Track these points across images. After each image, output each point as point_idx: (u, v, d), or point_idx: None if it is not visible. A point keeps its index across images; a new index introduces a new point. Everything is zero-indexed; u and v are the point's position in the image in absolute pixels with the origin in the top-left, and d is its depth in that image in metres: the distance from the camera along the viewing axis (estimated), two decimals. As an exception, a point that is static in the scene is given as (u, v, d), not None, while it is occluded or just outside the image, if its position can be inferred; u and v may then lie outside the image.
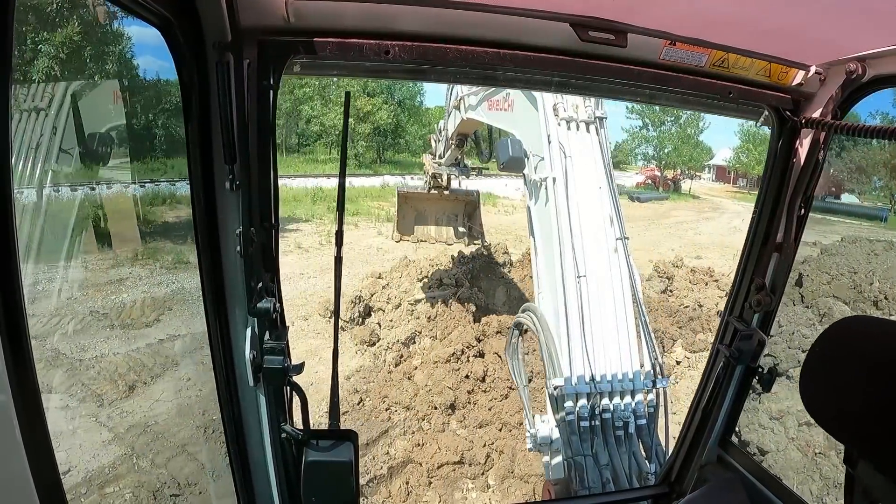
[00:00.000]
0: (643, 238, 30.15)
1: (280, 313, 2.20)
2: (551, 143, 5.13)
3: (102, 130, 4.80)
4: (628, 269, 4.81)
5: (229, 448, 2.32)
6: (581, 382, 4.31)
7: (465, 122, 9.10)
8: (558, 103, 5.37)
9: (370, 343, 12.68)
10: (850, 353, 1.02)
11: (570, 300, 4.53)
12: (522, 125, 5.94)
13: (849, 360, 1.02)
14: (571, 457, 4.12)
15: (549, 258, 4.86)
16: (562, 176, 4.95)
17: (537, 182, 5.15)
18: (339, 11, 1.88)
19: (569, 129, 5.29)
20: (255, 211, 1.99)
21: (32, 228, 4.80)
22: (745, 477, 2.76)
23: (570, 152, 5.11)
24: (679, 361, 12.79)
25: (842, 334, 1.07)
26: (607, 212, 4.96)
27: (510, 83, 2.23)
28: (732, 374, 2.85)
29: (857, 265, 14.10)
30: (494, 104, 7.15)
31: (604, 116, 5.43)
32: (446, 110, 10.26)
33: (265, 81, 1.90)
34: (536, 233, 5.25)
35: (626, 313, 4.69)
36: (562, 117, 5.32)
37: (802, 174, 2.45)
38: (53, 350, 8.84)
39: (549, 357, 4.51)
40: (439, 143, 11.94)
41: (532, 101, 5.69)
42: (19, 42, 9.82)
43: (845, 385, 0.99)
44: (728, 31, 2.10)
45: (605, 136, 5.42)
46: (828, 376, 1.03)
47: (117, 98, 8.15)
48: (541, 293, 4.92)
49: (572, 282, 4.57)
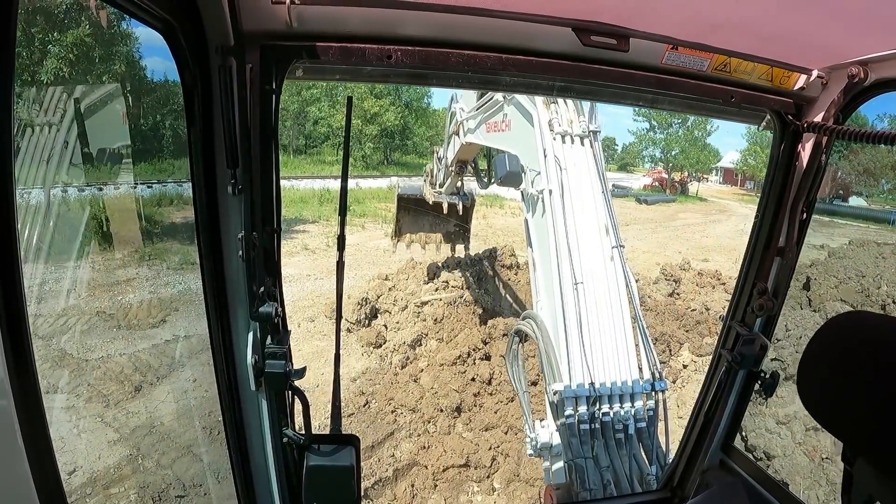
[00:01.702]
0: (650, 240, 30.11)
1: (282, 317, 2.20)
2: (547, 157, 5.21)
3: (106, 134, 4.82)
4: (625, 276, 4.86)
5: (231, 452, 2.32)
6: (580, 386, 4.33)
7: (465, 147, 9.16)
8: (553, 119, 5.50)
9: (376, 345, 12.70)
10: (847, 349, 1.01)
11: (567, 306, 4.58)
12: (519, 142, 6.07)
13: (846, 356, 1.02)
14: (572, 459, 4.13)
15: (546, 266, 4.93)
16: (557, 188, 5.04)
17: (534, 195, 5.25)
18: (341, 16, 1.88)
19: (563, 143, 5.39)
20: (257, 215, 2.00)
21: (32, 229, 4.83)
22: (748, 481, 2.75)
23: (566, 165, 5.21)
24: (686, 365, 12.73)
25: (839, 330, 1.07)
26: (603, 221, 5.04)
27: (512, 88, 2.23)
28: (735, 379, 2.84)
29: (865, 268, 14.00)
30: (493, 126, 7.24)
31: (597, 130, 5.57)
32: (446, 137, 10.29)
33: (268, 86, 1.90)
34: (534, 243, 5.32)
35: (624, 318, 4.72)
36: (557, 132, 5.43)
37: (805, 178, 2.44)
38: (57, 351, 8.88)
39: (548, 363, 4.53)
40: (439, 171, 11.83)
41: (528, 118, 5.82)
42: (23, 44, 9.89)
43: (843, 381, 0.99)
44: (730, 35, 2.10)
45: (599, 149, 5.50)
46: (825, 373, 1.03)
47: (123, 112, 8.19)
48: (539, 301, 4.97)
49: (570, 288, 4.63)
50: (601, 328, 4.61)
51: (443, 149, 11.03)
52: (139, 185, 15.91)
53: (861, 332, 1.04)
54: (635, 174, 74.21)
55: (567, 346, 4.48)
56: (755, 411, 9.01)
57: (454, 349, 11.40)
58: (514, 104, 6.31)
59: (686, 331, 13.76)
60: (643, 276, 17.66)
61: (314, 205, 31.64)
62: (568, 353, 4.47)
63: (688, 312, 14.80)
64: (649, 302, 15.13)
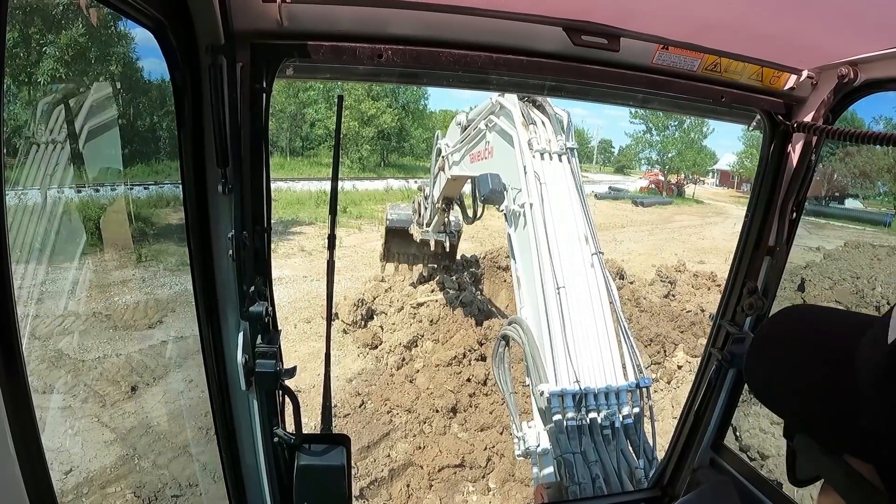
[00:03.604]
0: (646, 242, 30.18)
1: (272, 317, 2.20)
2: (527, 173, 5.52)
3: (95, 133, 4.80)
4: (605, 280, 5.08)
5: (221, 452, 2.31)
6: (566, 385, 4.43)
7: (451, 183, 9.59)
8: (532, 138, 5.86)
9: (372, 346, 12.72)
10: (791, 335, 1.07)
11: (551, 309, 4.73)
12: (501, 163, 6.41)
13: (786, 341, 1.08)
14: (560, 455, 4.18)
15: (529, 274, 5.11)
16: (538, 200, 5.31)
17: (516, 211, 5.51)
18: (332, 15, 1.88)
19: (542, 160, 5.73)
20: (247, 214, 1.99)
21: (20, 231, 4.82)
22: (738, 480, 2.76)
23: (545, 179, 5.51)
24: (680, 366, 12.76)
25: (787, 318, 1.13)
26: (582, 231, 5.29)
27: (503, 87, 2.24)
28: (725, 378, 2.84)
29: (859, 270, 14.08)
30: (476, 155, 7.61)
31: (574, 147, 5.98)
32: (431, 175, 10.65)
33: (258, 85, 1.90)
34: (517, 255, 5.51)
35: (606, 320, 4.91)
36: (536, 149, 5.78)
37: (794, 178, 2.45)
38: (47, 352, 8.86)
39: (534, 365, 4.64)
40: (425, 210, 12.07)
41: (508, 140, 6.19)
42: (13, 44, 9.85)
43: (786, 363, 1.04)
44: (720, 35, 2.11)
45: (577, 165, 5.91)
46: (769, 357, 1.09)
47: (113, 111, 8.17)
48: (523, 307, 5.12)
49: (552, 292, 4.79)
50: (585, 329, 4.77)
51: (429, 187, 11.37)
52: (130, 186, 15.85)
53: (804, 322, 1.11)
54: (632, 176, 74.20)
55: (552, 348, 4.61)
56: (745, 411, 9.03)
57: (450, 350, 11.43)
58: (496, 131, 6.69)
59: (681, 332, 13.80)
60: (639, 278, 17.68)
61: (310, 207, 31.57)
62: (553, 353, 4.60)
63: (683, 314, 14.84)
64: (644, 303, 15.16)
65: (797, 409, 1.04)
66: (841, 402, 0.92)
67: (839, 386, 0.92)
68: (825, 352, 0.99)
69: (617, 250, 25.32)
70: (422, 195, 12.33)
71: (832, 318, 1.09)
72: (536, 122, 6.15)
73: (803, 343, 1.05)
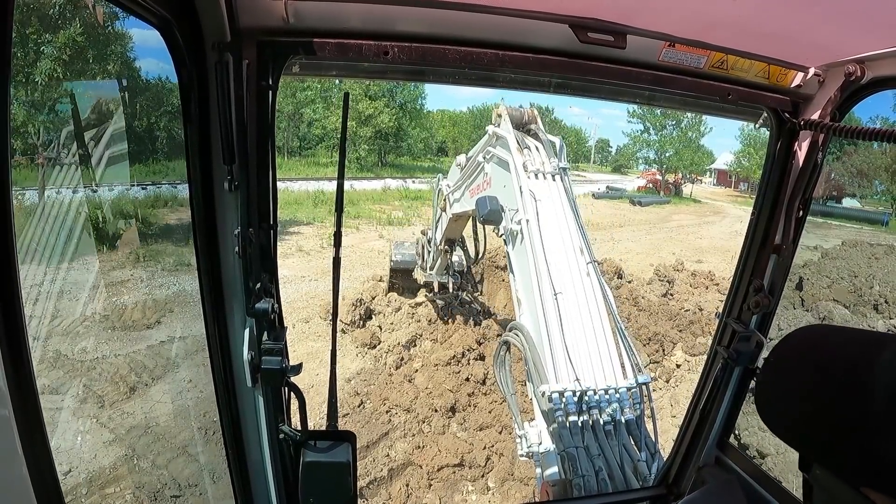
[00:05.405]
0: (644, 242, 30.18)
1: (278, 314, 2.19)
2: (523, 193, 5.86)
3: (102, 132, 4.80)
4: (601, 287, 5.27)
5: (227, 449, 2.31)
6: (566, 384, 4.53)
7: (452, 225, 10.20)
8: (527, 160, 6.26)
9: (371, 346, 12.72)
10: (802, 362, 1.05)
11: (549, 313, 4.89)
12: (499, 189, 6.79)
13: (801, 369, 1.05)
14: (564, 450, 4.24)
15: (527, 283, 5.29)
16: (534, 216, 5.59)
17: (513, 230, 5.78)
18: (338, 12, 1.87)
19: (537, 179, 6.13)
20: (253, 211, 1.98)
21: (29, 230, 4.81)
22: (743, 478, 2.75)
23: (540, 197, 5.83)
24: (679, 365, 12.79)
25: (797, 344, 1.10)
26: (577, 243, 5.51)
27: (509, 85, 2.22)
28: (730, 376, 2.84)
29: (857, 269, 14.09)
30: (476, 189, 8.03)
31: (566, 167, 6.36)
32: (433, 218, 11.07)
33: (264, 82, 1.89)
34: (515, 269, 5.72)
35: (603, 323, 5.05)
36: (531, 171, 6.16)
37: (801, 176, 2.44)
38: (54, 352, 8.85)
39: (534, 369, 4.73)
40: (428, 254, 12.33)
41: (505, 167, 6.56)
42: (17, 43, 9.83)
43: (799, 393, 1.02)
44: (727, 32, 2.10)
45: (569, 183, 6.25)
46: (781, 385, 1.06)
47: (119, 110, 8.17)
48: (522, 315, 5.24)
49: (550, 298, 4.97)
50: (584, 332, 4.93)
51: (430, 230, 11.71)
52: (135, 185, 15.83)
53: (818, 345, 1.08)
54: (629, 176, 74.33)
55: (551, 350, 4.72)
56: (750, 409, 9.02)
57: (448, 349, 11.44)
58: (493, 161, 7.12)
59: (679, 331, 13.83)
60: (637, 277, 17.71)
61: (308, 206, 31.52)
62: (553, 355, 4.70)
63: (681, 312, 14.88)
64: (643, 302, 15.19)
65: (814, 438, 1.02)
66: (860, 429, 0.90)
67: (857, 412, 0.90)
68: (841, 376, 0.97)
69: (615, 250, 25.34)
70: (424, 238, 12.65)
71: (843, 338, 1.06)
72: (531, 147, 6.56)
73: (817, 368, 1.02)
